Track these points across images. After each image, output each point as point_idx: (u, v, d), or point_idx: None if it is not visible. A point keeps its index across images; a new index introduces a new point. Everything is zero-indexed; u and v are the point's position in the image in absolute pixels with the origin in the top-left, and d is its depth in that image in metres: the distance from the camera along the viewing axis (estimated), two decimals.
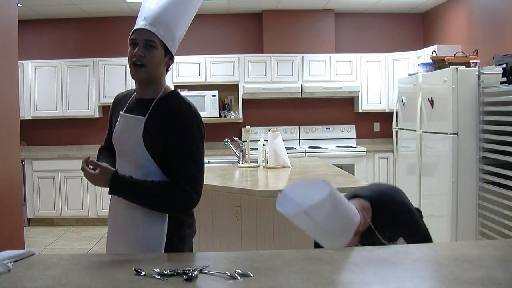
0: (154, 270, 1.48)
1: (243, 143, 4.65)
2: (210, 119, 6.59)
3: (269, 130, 4.49)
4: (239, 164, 4.59)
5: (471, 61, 4.63)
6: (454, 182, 4.40)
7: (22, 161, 6.08)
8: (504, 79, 3.97)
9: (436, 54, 5.41)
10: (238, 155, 4.70)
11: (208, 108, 6.55)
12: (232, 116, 6.78)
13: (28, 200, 6.37)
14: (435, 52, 5.63)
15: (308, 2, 6.52)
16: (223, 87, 6.76)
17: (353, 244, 1.94)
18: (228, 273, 1.45)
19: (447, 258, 1.64)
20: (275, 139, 4.29)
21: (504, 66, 3.95)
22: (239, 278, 1.43)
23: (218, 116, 6.62)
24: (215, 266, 1.52)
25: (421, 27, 7.10)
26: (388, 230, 2.10)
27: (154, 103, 1.89)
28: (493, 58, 4.15)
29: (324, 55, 6.72)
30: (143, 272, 1.48)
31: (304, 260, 1.62)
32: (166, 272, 1.47)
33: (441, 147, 4.59)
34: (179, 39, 1.95)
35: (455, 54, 4.79)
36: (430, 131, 4.79)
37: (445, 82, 4.47)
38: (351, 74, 6.72)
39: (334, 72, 6.70)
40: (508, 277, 1.43)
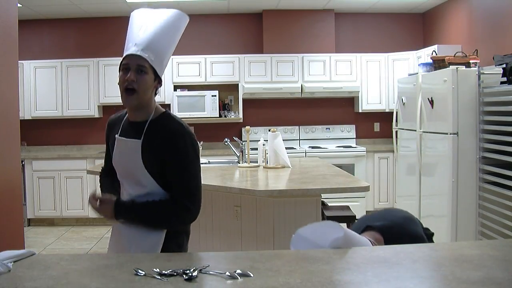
0: (154, 270, 1.48)
1: (243, 143, 4.65)
2: (210, 119, 6.60)
3: (269, 130, 4.49)
4: (239, 164, 4.59)
5: (471, 61, 4.64)
6: (454, 182, 4.41)
7: (22, 161, 6.08)
8: (504, 79, 3.98)
9: (436, 54, 5.41)
10: (238, 155, 4.70)
11: (208, 108, 6.55)
12: (232, 116, 6.78)
13: (28, 200, 6.37)
14: (435, 52, 5.63)
15: (308, 2, 6.52)
16: (223, 87, 6.76)
17: None
18: (228, 273, 1.45)
19: (447, 258, 1.64)
20: (275, 139, 4.29)
21: (504, 66, 3.95)
22: (239, 278, 1.43)
23: (218, 116, 6.62)
24: (215, 266, 1.52)
25: (421, 27, 7.10)
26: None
27: (148, 125, 1.98)
28: (493, 58, 4.15)
29: (324, 55, 6.72)
30: (143, 272, 1.48)
31: (304, 260, 1.62)
32: (166, 272, 1.47)
33: (441, 147, 4.59)
34: (166, 64, 2.04)
35: (455, 54, 4.79)
36: (430, 131, 4.79)
37: (445, 82, 4.47)
38: (351, 74, 6.72)
39: (334, 72, 6.70)
40: (508, 277, 1.43)
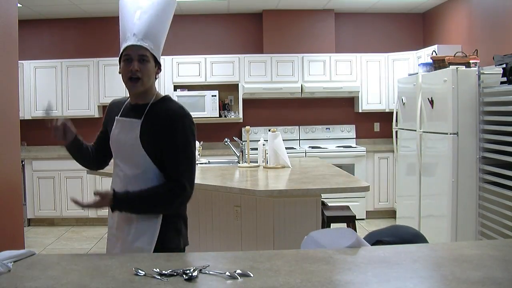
0: (154, 270, 1.48)
1: (243, 143, 4.65)
2: (210, 119, 6.59)
3: (269, 130, 4.49)
4: (239, 164, 4.59)
5: (471, 61, 4.63)
6: (454, 182, 4.40)
7: (22, 161, 6.08)
8: (504, 79, 3.97)
9: (436, 54, 5.41)
10: (238, 155, 4.70)
11: (208, 108, 6.55)
12: (232, 116, 6.78)
13: (28, 200, 6.37)
14: (435, 52, 5.63)
15: (308, 2, 6.52)
16: (223, 87, 6.76)
17: None
18: (228, 273, 1.45)
19: (447, 258, 1.64)
20: (275, 139, 4.29)
21: (504, 66, 3.95)
22: (239, 278, 1.43)
23: (218, 116, 6.62)
24: (215, 266, 1.52)
25: (421, 27, 7.10)
26: None
27: (149, 107, 2.04)
28: (493, 58, 4.15)
29: (324, 55, 6.72)
30: (143, 272, 1.48)
31: (304, 260, 1.62)
32: (166, 272, 1.47)
33: (441, 147, 4.59)
34: (161, 49, 2.09)
35: (455, 54, 4.79)
36: (430, 131, 4.79)
37: (445, 82, 4.47)
38: (351, 74, 6.72)
39: (334, 72, 6.70)
40: (508, 277, 1.43)
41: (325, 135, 6.99)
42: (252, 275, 1.46)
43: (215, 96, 6.56)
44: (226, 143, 4.78)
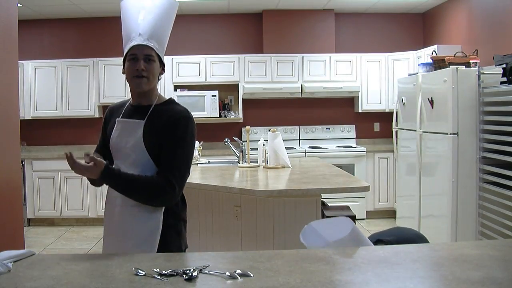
0: (154, 270, 1.48)
1: (243, 143, 4.65)
2: (210, 119, 6.59)
3: (269, 130, 4.49)
4: (239, 164, 4.59)
5: (471, 61, 4.64)
6: (454, 182, 4.40)
7: (22, 161, 6.08)
8: (504, 79, 3.97)
9: (436, 54, 5.41)
10: (238, 155, 4.70)
11: (208, 108, 6.55)
12: (232, 116, 6.78)
13: (28, 200, 6.37)
14: (435, 52, 5.63)
15: (308, 2, 6.52)
16: (223, 87, 6.76)
17: None
18: (228, 273, 1.45)
19: (447, 258, 1.64)
20: (275, 139, 4.29)
21: (504, 66, 3.95)
22: (239, 278, 1.43)
23: (218, 116, 6.62)
24: (215, 266, 1.52)
25: (421, 27, 7.10)
26: None
27: (152, 108, 2.04)
28: (493, 58, 4.15)
29: (324, 55, 6.72)
30: (143, 272, 1.48)
31: (304, 260, 1.62)
32: (166, 272, 1.47)
33: (441, 147, 4.59)
34: (165, 49, 2.11)
35: (455, 54, 4.80)
36: (430, 131, 4.79)
37: (445, 82, 4.47)
38: (351, 74, 6.72)
39: (334, 72, 6.70)
40: (508, 277, 1.43)
41: (325, 135, 6.99)
42: (252, 275, 1.46)
43: (215, 96, 6.56)
44: (226, 143, 4.78)
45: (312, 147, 6.70)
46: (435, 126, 4.70)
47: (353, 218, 3.94)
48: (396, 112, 5.73)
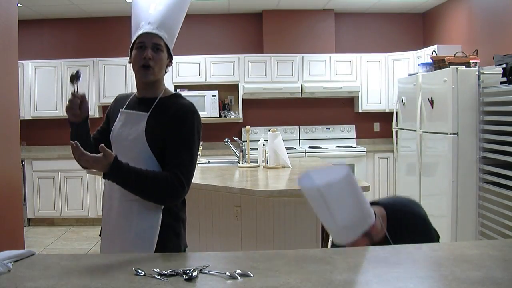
0: (154, 270, 1.48)
1: (243, 143, 4.65)
2: (210, 119, 6.59)
3: (269, 130, 4.49)
4: (239, 164, 4.59)
5: (471, 61, 4.64)
6: (454, 182, 4.40)
7: (22, 161, 6.08)
8: (504, 79, 3.97)
9: (436, 54, 5.41)
10: (238, 155, 4.70)
11: (208, 108, 6.55)
12: (232, 116, 6.78)
13: (28, 200, 6.37)
14: (435, 52, 5.63)
15: (308, 2, 6.52)
16: (223, 87, 6.76)
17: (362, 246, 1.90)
18: (228, 273, 1.45)
19: (447, 258, 1.64)
20: (275, 139, 4.29)
21: (504, 66, 3.95)
22: (239, 278, 1.43)
23: (218, 116, 6.62)
24: (215, 266, 1.52)
25: (421, 27, 7.10)
26: (403, 242, 1.96)
27: (157, 101, 1.97)
28: (493, 58, 4.15)
29: (324, 55, 6.72)
30: (143, 272, 1.48)
31: (304, 260, 1.63)
32: (166, 272, 1.47)
33: (441, 147, 4.59)
34: (174, 42, 2.06)
35: (455, 54, 4.80)
36: (430, 131, 4.79)
37: (445, 82, 4.47)
38: (351, 74, 6.72)
39: (334, 72, 6.70)
40: (508, 277, 1.43)
41: (325, 135, 6.99)
42: (252, 275, 1.45)
43: (215, 96, 6.56)
44: (226, 143, 4.78)
45: (312, 147, 6.70)
46: (435, 126, 4.70)
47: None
48: (396, 112, 5.73)
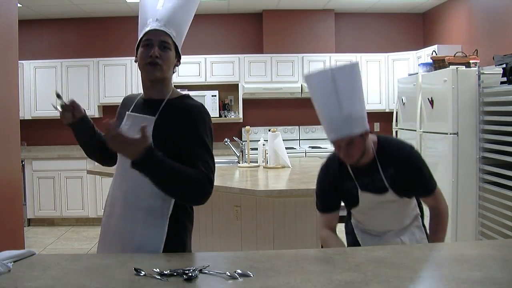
0: (154, 270, 1.48)
1: (243, 143, 4.65)
2: None
3: (269, 130, 4.49)
4: (239, 164, 4.59)
5: (471, 61, 4.64)
6: (454, 182, 4.40)
7: (22, 161, 6.08)
8: (504, 79, 3.98)
9: (436, 54, 5.41)
10: (238, 155, 4.70)
11: (208, 108, 6.53)
12: (232, 116, 6.78)
13: (28, 200, 6.37)
14: (435, 52, 5.63)
15: (308, 2, 6.52)
16: (223, 87, 6.76)
17: (349, 157, 2.05)
18: (228, 273, 1.45)
19: (447, 258, 1.64)
20: (275, 139, 4.29)
21: (504, 66, 3.95)
22: (239, 278, 1.43)
23: (218, 116, 6.62)
24: (215, 266, 1.52)
25: (421, 27, 7.10)
26: (392, 168, 2.11)
27: (164, 103, 1.88)
28: (493, 58, 4.15)
29: (324, 55, 6.72)
30: (143, 272, 1.48)
31: (304, 260, 1.63)
32: (166, 272, 1.47)
33: (441, 147, 4.59)
34: (183, 41, 1.97)
35: (455, 54, 4.80)
36: (430, 131, 4.79)
37: (445, 82, 4.47)
38: None
39: None
40: (508, 277, 1.43)
41: (325, 135, 6.96)
42: (252, 275, 1.45)
43: (215, 96, 6.56)
44: (226, 143, 4.78)
45: (312, 147, 6.70)
46: (435, 126, 4.70)
47: None
48: (396, 112, 5.73)
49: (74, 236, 5.98)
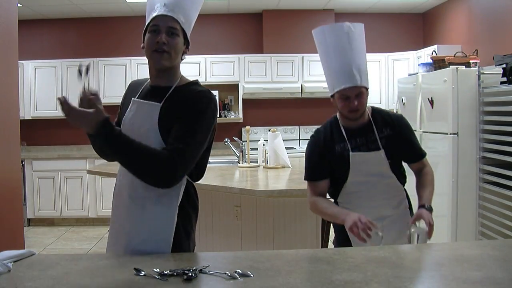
0: (154, 270, 1.48)
1: (243, 143, 4.65)
2: None
3: (269, 130, 4.49)
4: (239, 164, 4.59)
5: (471, 61, 4.63)
6: (454, 182, 4.40)
7: (22, 161, 6.08)
8: (504, 79, 3.97)
9: (436, 54, 5.41)
10: (238, 155, 4.70)
11: None
12: (232, 116, 6.79)
13: (28, 200, 6.37)
14: (435, 52, 5.63)
15: (308, 2, 6.52)
16: (223, 87, 6.76)
17: (355, 110, 2.22)
18: (228, 273, 1.45)
19: (447, 258, 1.64)
20: (275, 139, 4.29)
21: (504, 66, 3.95)
22: (239, 278, 1.43)
23: (218, 116, 6.61)
24: (215, 266, 1.52)
25: (421, 27, 7.10)
26: (387, 129, 2.29)
27: (172, 91, 1.83)
28: (493, 58, 4.15)
29: None
30: (143, 272, 1.48)
31: (304, 260, 1.63)
32: (166, 272, 1.47)
33: (441, 147, 4.59)
34: (191, 28, 1.90)
35: (455, 54, 4.79)
36: (430, 131, 4.79)
37: (445, 82, 4.47)
38: None
39: None
40: (508, 277, 1.43)
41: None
42: (252, 275, 1.45)
43: (215, 96, 6.55)
44: (226, 143, 4.78)
45: None
46: (435, 126, 4.69)
47: None
48: (396, 112, 5.73)
49: (74, 236, 5.98)
